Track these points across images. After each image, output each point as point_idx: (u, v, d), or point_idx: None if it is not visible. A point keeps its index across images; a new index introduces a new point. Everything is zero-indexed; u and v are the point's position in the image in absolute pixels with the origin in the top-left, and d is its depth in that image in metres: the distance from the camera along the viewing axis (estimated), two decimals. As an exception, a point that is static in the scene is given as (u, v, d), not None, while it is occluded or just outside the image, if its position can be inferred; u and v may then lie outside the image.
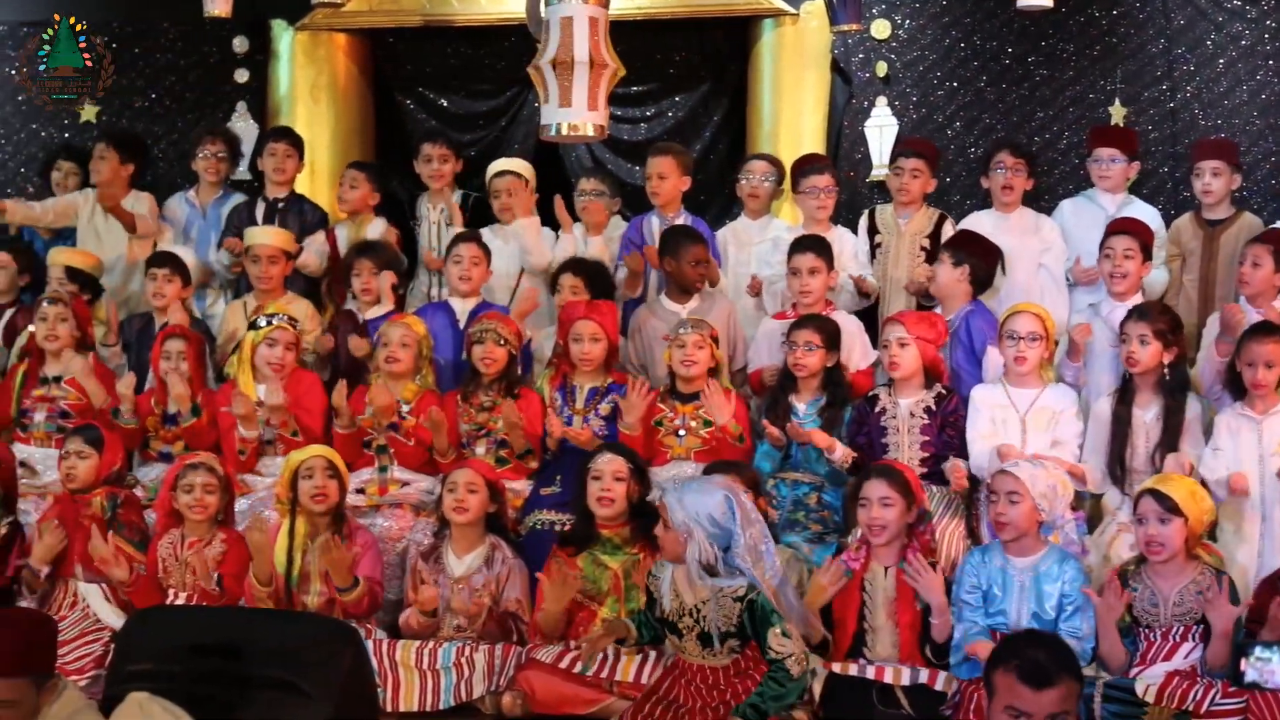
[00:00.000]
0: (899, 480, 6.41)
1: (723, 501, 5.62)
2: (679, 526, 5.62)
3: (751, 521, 5.64)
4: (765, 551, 5.66)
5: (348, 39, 10.14)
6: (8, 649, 4.62)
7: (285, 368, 7.84)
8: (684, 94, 10.01)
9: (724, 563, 5.61)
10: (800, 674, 5.56)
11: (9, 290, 8.83)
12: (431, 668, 6.49)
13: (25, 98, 10.27)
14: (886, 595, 6.35)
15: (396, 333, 7.78)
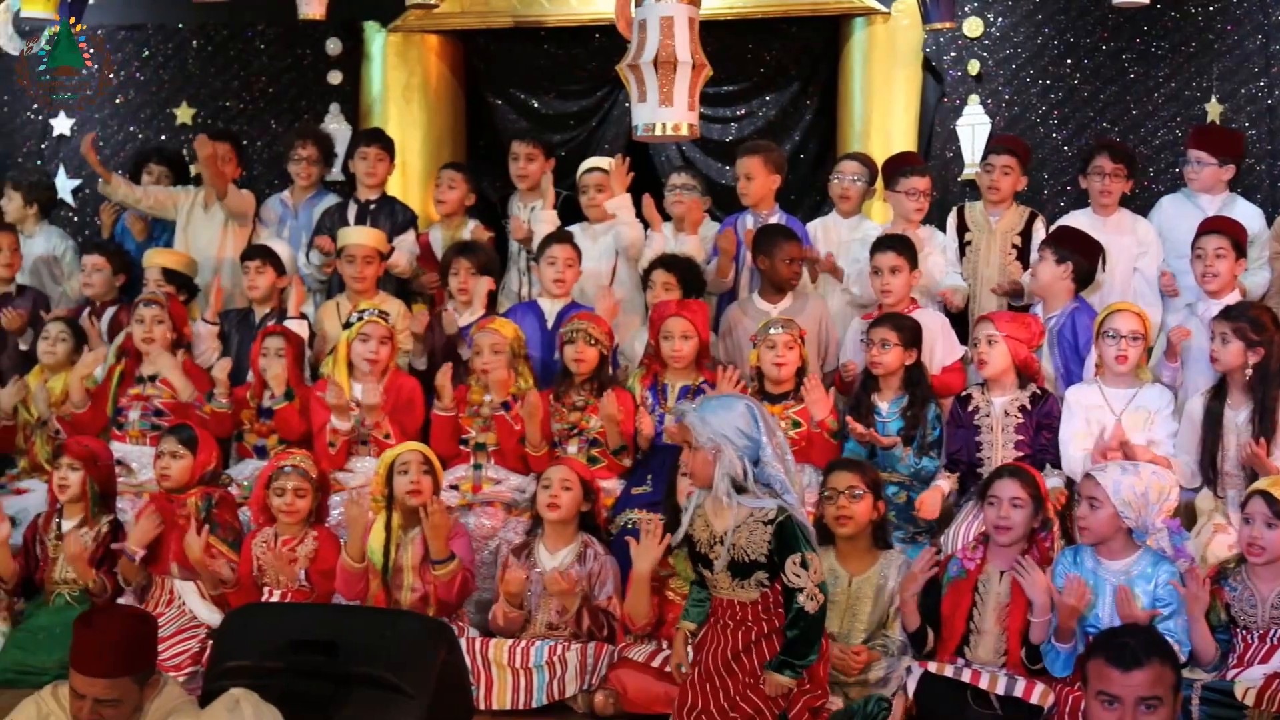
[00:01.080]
0: (1030, 482, 6.35)
1: (745, 411, 5.39)
2: (705, 444, 5.38)
3: (774, 431, 5.42)
4: (792, 464, 5.44)
5: (439, 40, 10.20)
6: (110, 650, 4.69)
7: (380, 362, 7.88)
8: (774, 93, 10.00)
9: (754, 478, 5.37)
10: (816, 610, 5.29)
11: (107, 292, 8.92)
12: (524, 666, 6.51)
13: (123, 100, 10.39)
14: (999, 600, 6.27)
15: (486, 340, 7.81)
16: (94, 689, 4.66)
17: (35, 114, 10.46)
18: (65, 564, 7.16)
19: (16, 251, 9.11)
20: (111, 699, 4.68)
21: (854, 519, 6.48)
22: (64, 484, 7.24)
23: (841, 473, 6.56)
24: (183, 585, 7.05)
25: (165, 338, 8.19)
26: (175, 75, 10.42)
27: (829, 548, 6.54)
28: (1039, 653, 6.10)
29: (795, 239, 8.21)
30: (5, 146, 10.49)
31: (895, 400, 7.49)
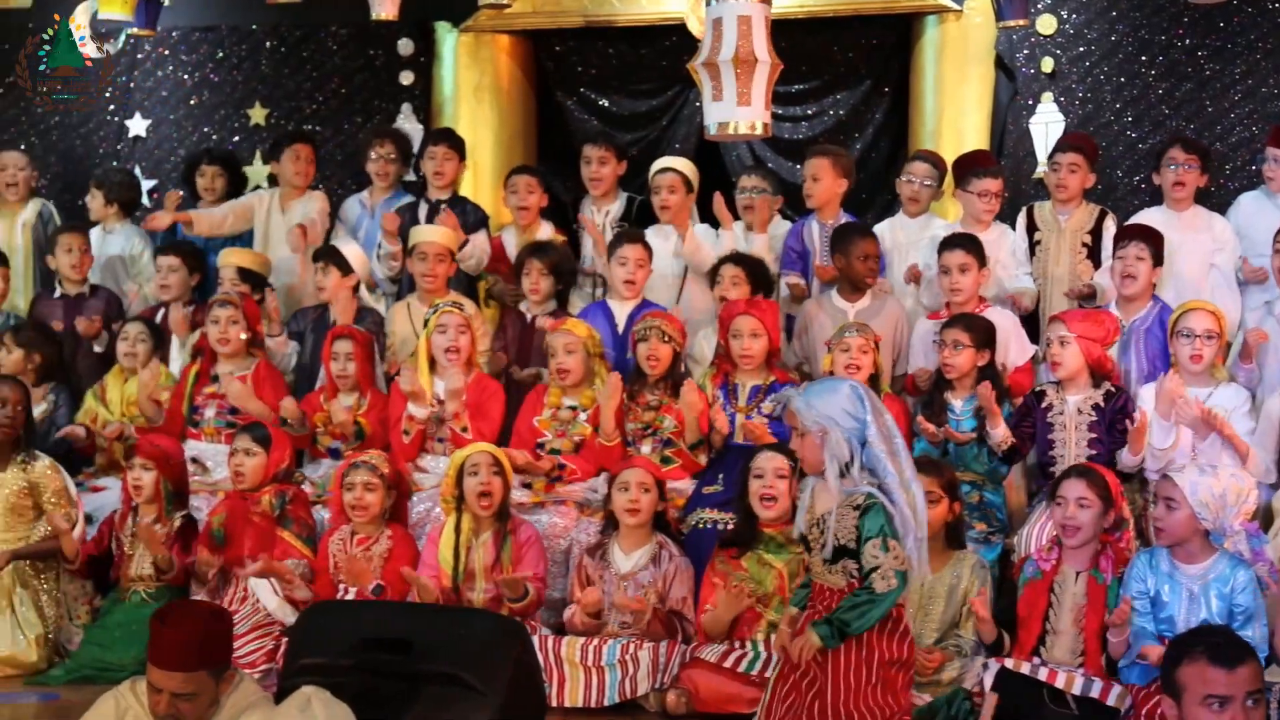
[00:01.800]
0: (1098, 482, 6.30)
1: (850, 392, 5.29)
2: (813, 428, 5.30)
3: (881, 411, 5.34)
4: (900, 445, 5.34)
5: (510, 40, 10.22)
6: (186, 644, 4.72)
7: (461, 351, 7.88)
8: (845, 92, 9.96)
9: (861, 459, 5.27)
10: (886, 590, 5.16)
11: (182, 292, 8.97)
12: (596, 664, 6.53)
13: (197, 101, 10.47)
14: (1075, 601, 6.25)
15: (560, 341, 7.82)
16: (171, 683, 4.70)
17: (112, 115, 10.55)
18: (141, 561, 7.22)
19: (87, 252, 9.17)
20: (188, 693, 4.72)
21: (930, 524, 6.42)
22: (137, 484, 7.31)
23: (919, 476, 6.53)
24: (257, 583, 7.09)
25: (240, 337, 8.24)
26: (249, 76, 10.48)
27: None
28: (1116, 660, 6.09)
29: (871, 237, 8.20)
30: (83, 148, 10.58)
31: (969, 399, 7.45)
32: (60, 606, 7.37)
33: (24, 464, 7.45)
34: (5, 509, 7.40)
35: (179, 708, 4.71)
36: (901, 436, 5.38)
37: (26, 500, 7.41)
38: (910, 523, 5.23)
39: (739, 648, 6.49)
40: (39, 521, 7.45)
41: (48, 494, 7.43)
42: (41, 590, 7.36)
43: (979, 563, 6.59)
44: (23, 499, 7.41)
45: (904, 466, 5.27)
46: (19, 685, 6.96)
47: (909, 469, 5.30)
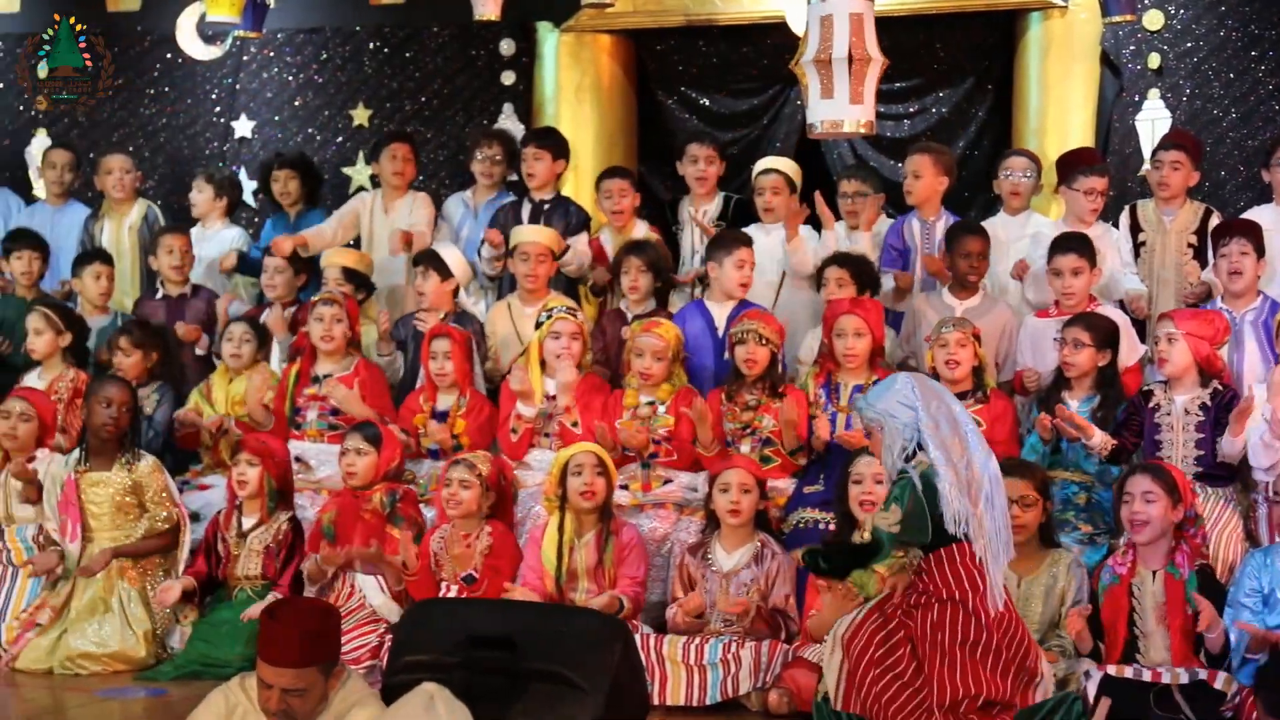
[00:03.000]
0: (1164, 477, 6.24)
1: (904, 383, 5.53)
2: (873, 424, 5.54)
3: (937, 395, 5.51)
4: (965, 426, 5.47)
5: (611, 40, 10.24)
6: (295, 640, 4.75)
7: (573, 357, 7.91)
8: (948, 89, 9.90)
9: (914, 444, 5.42)
10: (858, 542, 5.48)
11: (289, 293, 9.05)
12: (698, 663, 6.51)
13: (301, 102, 10.57)
14: (1155, 600, 6.20)
15: (650, 344, 7.81)
16: (281, 679, 4.73)
17: (218, 117, 10.67)
18: (247, 559, 7.28)
19: (189, 253, 9.24)
20: (298, 689, 4.75)
21: (1025, 527, 6.41)
22: (242, 480, 7.36)
23: (1013, 480, 6.45)
24: (364, 580, 7.15)
25: (344, 338, 8.29)
26: (352, 77, 10.55)
27: None
28: (1218, 659, 6.01)
29: (976, 235, 8.13)
30: (189, 149, 10.70)
31: (1086, 399, 7.38)
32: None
33: (129, 464, 7.52)
34: (111, 508, 7.48)
35: (289, 703, 4.75)
36: (966, 415, 5.58)
37: (131, 499, 7.48)
38: (968, 493, 5.36)
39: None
40: (143, 520, 7.51)
41: (150, 493, 7.49)
42: (149, 587, 7.43)
43: (1074, 561, 6.53)
44: (127, 498, 7.48)
45: (968, 444, 5.43)
46: (128, 681, 7.03)
47: (975, 443, 5.45)
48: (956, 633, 5.43)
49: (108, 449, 7.52)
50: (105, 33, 10.76)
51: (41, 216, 9.86)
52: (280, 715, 4.77)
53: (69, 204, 9.98)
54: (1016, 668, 5.45)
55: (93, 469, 7.49)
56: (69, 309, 8.89)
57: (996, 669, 5.42)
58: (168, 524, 7.47)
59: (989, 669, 5.41)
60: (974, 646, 5.42)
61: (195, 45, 10.44)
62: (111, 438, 7.52)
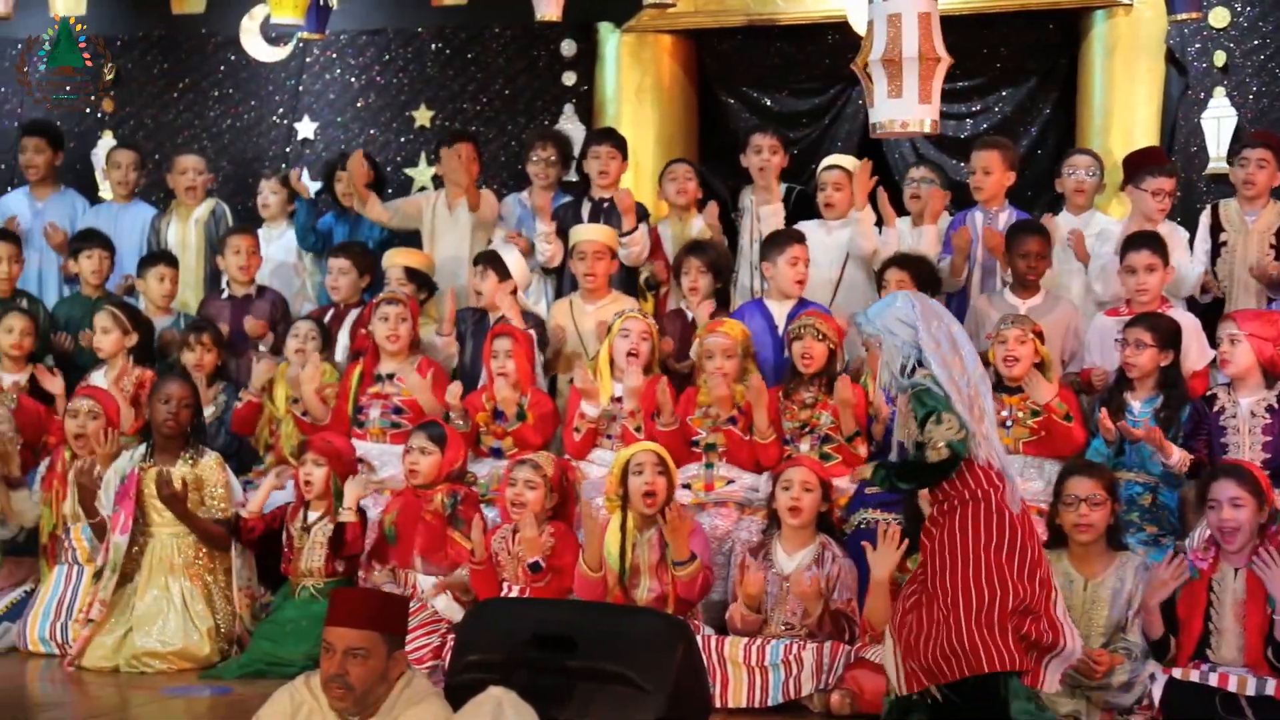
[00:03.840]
0: (1249, 480, 6.20)
1: (905, 301, 5.60)
2: (871, 340, 5.64)
3: (937, 314, 5.57)
4: (962, 344, 5.54)
5: (672, 40, 10.25)
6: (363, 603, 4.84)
7: (641, 357, 7.93)
8: (1011, 88, 9.84)
9: (916, 363, 5.49)
10: (936, 460, 5.37)
11: (352, 294, 9.08)
12: (760, 664, 6.51)
13: (364, 104, 10.61)
14: (1235, 597, 6.16)
15: (718, 344, 7.81)
16: (344, 640, 4.77)
17: (280, 118, 10.73)
18: (310, 555, 7.32)
19: (256, 254, 9.29)
20: (359, 649, 4.77)
21: (1094, 526, 6.38)
22: (308, 479, 7.38)
23: (1080, 479, 6.44)
24: (425, 580, 7.18)
25: (408, 336, 8.32)
26: (414, 78, 10.59)
27: (1062, 551, 6.45)
28: None
29: (1038, 235, 8.09)
30: (253, 150, 10.77)
31: (1149, 400, 7.34)
32: (230, 601, 7.48)
33: (192, 460, 7.57)
34: (172, 504, 7.53)
35: (348, 669, 4.76)
36: (965, 335, 5.66)
37: (193, 495, 7.51)
38: (970, 410, 5.43)
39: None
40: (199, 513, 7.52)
41: (209, 487, 7.52)
42: (212, 584, 7.48)
43: (1143, 564, 6.48)
44: (189, 493, 7.51)
45: (966, 363, 5.50)
46: (193, 680, 7.08)
47: (972, 365, 5.53)
48: (980, 533, 5.45)
49: (171, 446, 7.57)
50: (170, 35, 10.85)
51: (106, 216, 9.93)
52: (338, 680, 4.78)
53: (133, 203, 10.05)
54: (1043, 575, 5.48)
55: (157, 464, 7.53)
56: (136, 308, 8.97)
57: (1023, 572, 5.44)
58: (222, 517, 7.50)
59: (1014, 572, 5.43)
60: (999, 548, 5.44)
61: (259, 47, 10.50)
62: (173, 434, 7.55)
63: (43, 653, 7.52)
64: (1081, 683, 6.16)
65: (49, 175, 10.08)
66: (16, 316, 8.79)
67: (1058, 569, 6.33)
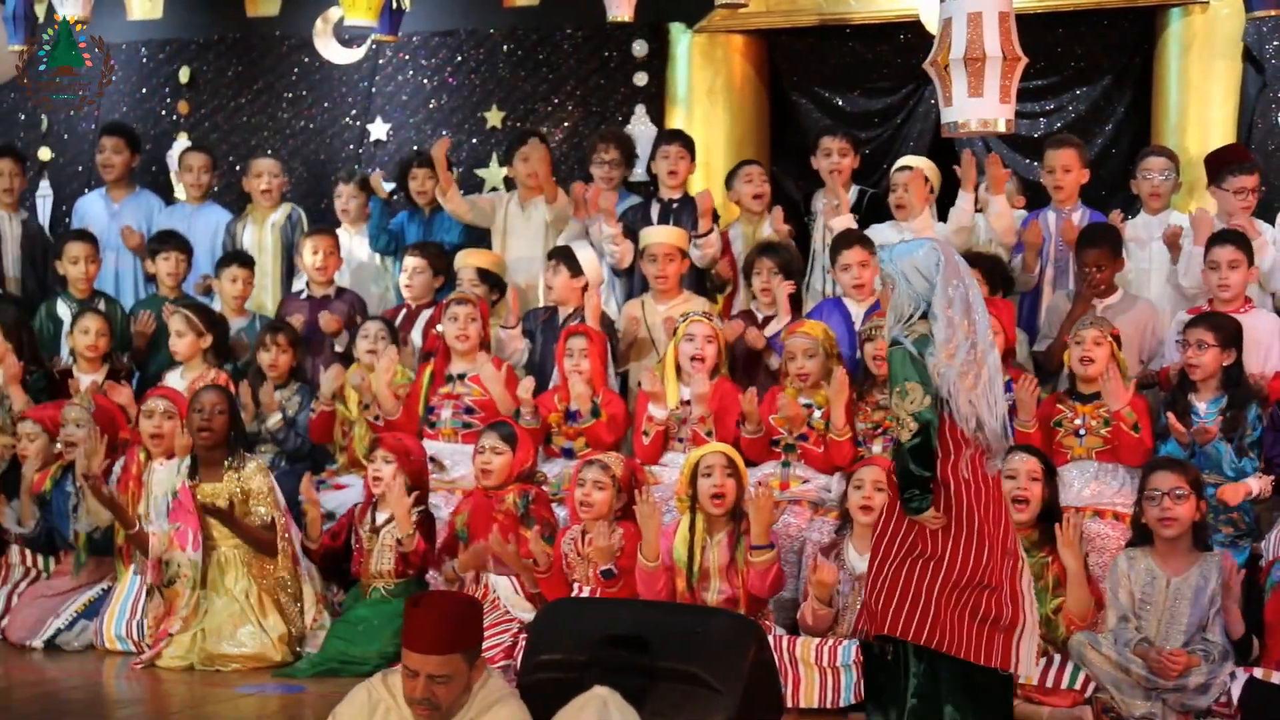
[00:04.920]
0: None
1: (929, 251, 5.48)
2: (886, 278, 5.55)
3: (959, 274, 5.45)
4: (976, 308, 5.45)
5: (744, 40, 10.24)
6: (440, 627, 4.80)
7: (707, 361, 7.90)
8: (1085, 87, 9.78)
9: (919, 314, 5.44)
10: (909, 439, 5.32)
11: (425, 293, 9.12)
12: (832, 665, 6.50)
13: (436, 105, 10.65)
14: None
15: (800, 344, 7.79)
16: (426, 665, 4.78)
17: (353, 120, 10.79)
18: (380, 556, 7.35)
19: (334, 254, 9.34)
20: (443, 675, 4.79)
21: (1178, 520, 6.33)
22: (378, 477, 7.39)
23: (1164, 473, 6.40)
24: (497, 579, 7.19)
25: (478, 336, 8.33)
26: (486, 80, 10.62)
27: (1148, 548, 6.41)
28: None
29: (1102, 245, 8.02)
30: (325, 152, 10.83)
31: (1214, 400, 7.27)
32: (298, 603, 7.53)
33: (235, 468, 7.57)
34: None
35: (434, 691, 4.79)
36: (982, 301, 5.52)
37: (243, 506, 7.53)
38: (966, 376, 5.37)
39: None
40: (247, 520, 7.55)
41: (253, 492, 7.53)
42: (280, 591, 7.52)
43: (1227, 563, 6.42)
44: (241, 504, 7.52)
45: (977, 327, 5.42)
46: (267, 678, 7.12)
47: (983, 331, 5.44)
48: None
49: (214, 457, 7.58)
50: (245, 37, 10.94)
51: (180, 217, 10.01)
52: (425, 703, 4.80)
53: (206, 205, 10.12)
54: (1003, 550, 5.44)
55: (203, 480, 7.55)
56: (210, 310, 9.01)
57: (970, 545, 5.42)
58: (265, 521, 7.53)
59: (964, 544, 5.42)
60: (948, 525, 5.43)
61: (333, 49, 10.56)
62: (208, 444, 7.55)
63: (119, 650, 7.59)
64: (1157, 684, 6.13)
65: (126, 176, 10.20)
66: (92, 318, 8.87)
67: (1140, 566, 6.33)
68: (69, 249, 9.38)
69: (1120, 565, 6.44)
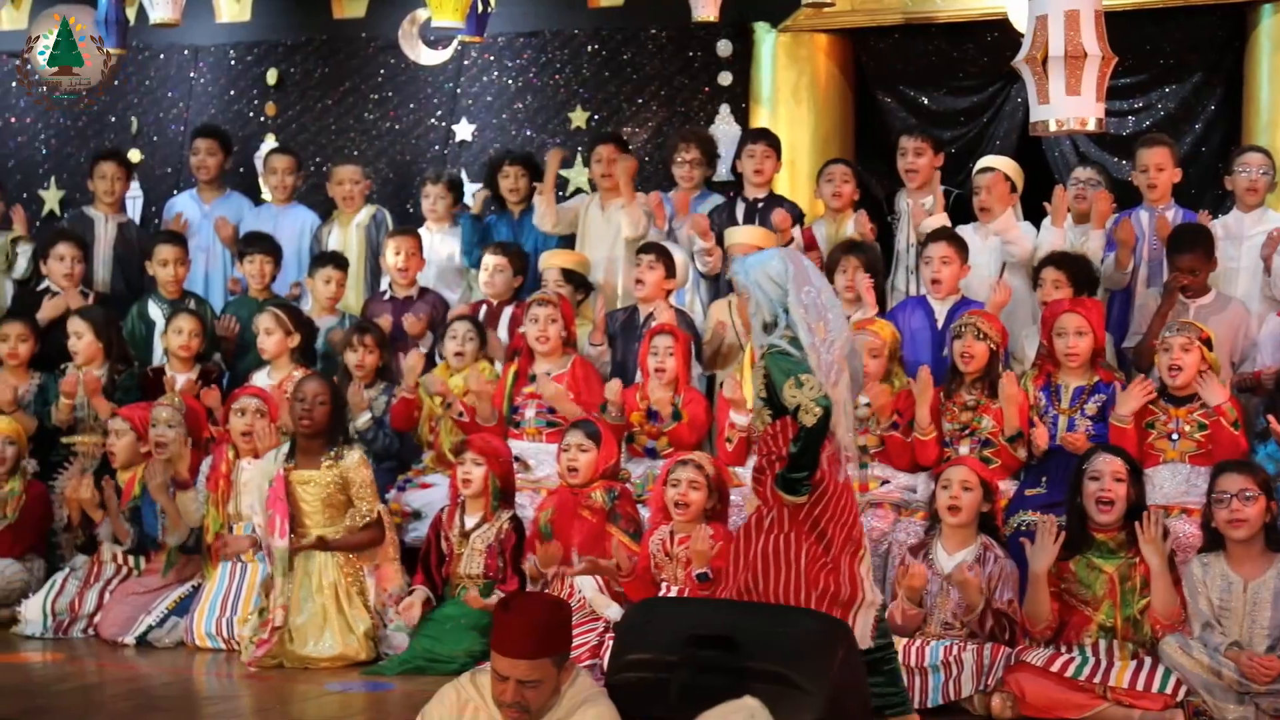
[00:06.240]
0: None
1: (780, 260, 5.76)
2: (740, 289, 5.83)
3: (809, 279, 5.72)
4: (830, 308, 5.69)
5: (829, 39, 10.21)
6: (530, 632, 4.81)
7: None
8: (1174, 85, 9.67)
9: (783, 322, 5.67)
10: (813, 424, 5.52)
11: (505, 292, 9.15)
12: (919, 666, 6.47)
13: (521, 106, 10.68)
14: None
15: (867, 343, 7.75)
16: (517, 670, 4.79)
17: (439, 121, 10.84)
18: (469, 558, 7.38)
19: (416, 255, 9.37)
20: (533, 680, 4.80)
21: (1248, 522, 6.29)
22: (467, 479, 7.43)
23: (1232, 475, 6.36)
24: (583, 579, 7.21)
25: (559, 338, 8.36)
26: (570, 80, 10.64)
27: (1220, 553, 6.38)
28: None
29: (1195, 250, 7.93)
30: (410, 154, 10.89)
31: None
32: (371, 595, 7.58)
33: (335, 458, 7.62)
34: (320, 504, 7.58)
35: (524, 695, 4.80)
36: (835, 299, 5.83)
37: (340, 495, 7.58)
38: (828, 375, 5.61)
39: (1066, 651, 6.40)
40: (347, 514, 7.61)
41: (355, 487, 7.58)
42: (368, 587, 7.57)
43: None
44: (336, 493, 7.59)
45: (831, 328, 5.67)
46: (354, 675, 7.16)
47: (837, 330, 5.70)
48: None
49: (314, 447, 7.64)
50: (332, 39, 11.02)
51: (266, 218, 10.09)
52: (515, 707, 4.82)
53: (292, 206, 10.19)
54: (846, 538, 5.69)
55: (299, 466, 7.61)
56: (298, 310, 9.09)
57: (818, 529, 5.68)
58: (369, 518, 7.57)
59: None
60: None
61: (420, 51, 10.60)
62: (308, 432, 7.62)
63: (208, 647, 7.66)
64: (1250, 688, 6.07)
65: (218, 177, 10.29)
66: (185, 318, 8.96)
67: (1215, 571, 6.28)
68: (159, 251, 9.47)
69: (1195, 572, 6.40)
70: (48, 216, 11.23)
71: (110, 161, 10.09)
